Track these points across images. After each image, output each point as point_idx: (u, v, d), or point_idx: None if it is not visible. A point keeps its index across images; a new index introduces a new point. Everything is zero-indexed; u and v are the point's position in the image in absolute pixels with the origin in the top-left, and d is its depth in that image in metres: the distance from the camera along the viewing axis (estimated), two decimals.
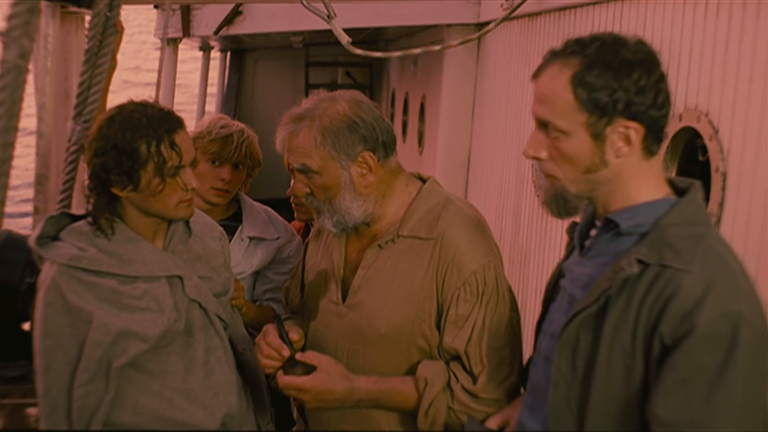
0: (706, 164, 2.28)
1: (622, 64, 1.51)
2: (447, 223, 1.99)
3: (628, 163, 1.56)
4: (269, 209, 2.86)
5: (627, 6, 2.87)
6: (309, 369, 1.98)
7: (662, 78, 1.54)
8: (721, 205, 2.18)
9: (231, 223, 2.73)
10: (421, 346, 2.00)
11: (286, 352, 1.99)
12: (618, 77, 1.50)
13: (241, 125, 2.73)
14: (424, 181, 2.11)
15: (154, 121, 1.90)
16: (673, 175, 2.52)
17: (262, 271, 2.76)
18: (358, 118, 1.96)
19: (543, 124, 1.59)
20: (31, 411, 2.80)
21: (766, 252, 1.99)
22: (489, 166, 4.63)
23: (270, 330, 2.04)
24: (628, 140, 1.53)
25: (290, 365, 1.99)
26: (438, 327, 1.98)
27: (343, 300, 2.07)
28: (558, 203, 1.63)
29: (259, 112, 10.13)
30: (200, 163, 2.60)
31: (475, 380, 1.95)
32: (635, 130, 1.53)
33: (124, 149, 1.88)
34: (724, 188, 2.17)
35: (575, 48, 1.55)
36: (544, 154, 1.60)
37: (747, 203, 2.09)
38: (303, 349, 2.06)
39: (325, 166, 1.96)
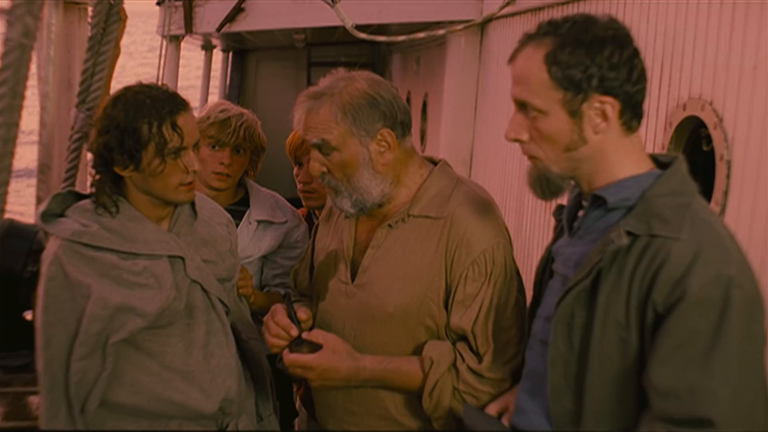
0: (711, 155, 2.27)
1: (594, 41, 1.53)
2: (457, 203, 2.00)
3: (608, 140, 1.58)
4: (276, 194, 2.86)
5: None
6: (315, 347, 1.98)
7: (636, 54, 1.57)
8: (726, 193, 2.17)
9: (239, 207, 2.74)
10: (429, 325, 2.00)
11: (295, 332, 1.99)
12: (590, 54, 1.53)
13: (242, 110, 2.73)
14: (435, 164, 2.12)
15: (157, 102, 1.91)
16: None
17: (270, 256, 2.76)
18: (377, 95, 1.97)
19: (521, 106, 1.61)
20: (33, 399, 2.80)
21: None
22: (492, 163, 4.62)
23: (278, 309, 2.04)
24: (604, 116, 1.55)
25: (296, 343, 1.99)
26: (446, 306, 1.98)
27: (352, 279, 2.07)
28: (541, 184, 1.65)
29: (262, 113, 10.09)
30: (201, 147, 2.60)
31: (480, 360, 1.95)
32: (611, 105, 1.55)
33: (126, 129, 1.89)
34: (728, 176, 2.16)
35: (548, 29, 1.59)
36: (525, 136, 1.62)
37: (752, 191, 2.08)
38: (311, 329, 2.05)
39: (344, 143, 1.97)
